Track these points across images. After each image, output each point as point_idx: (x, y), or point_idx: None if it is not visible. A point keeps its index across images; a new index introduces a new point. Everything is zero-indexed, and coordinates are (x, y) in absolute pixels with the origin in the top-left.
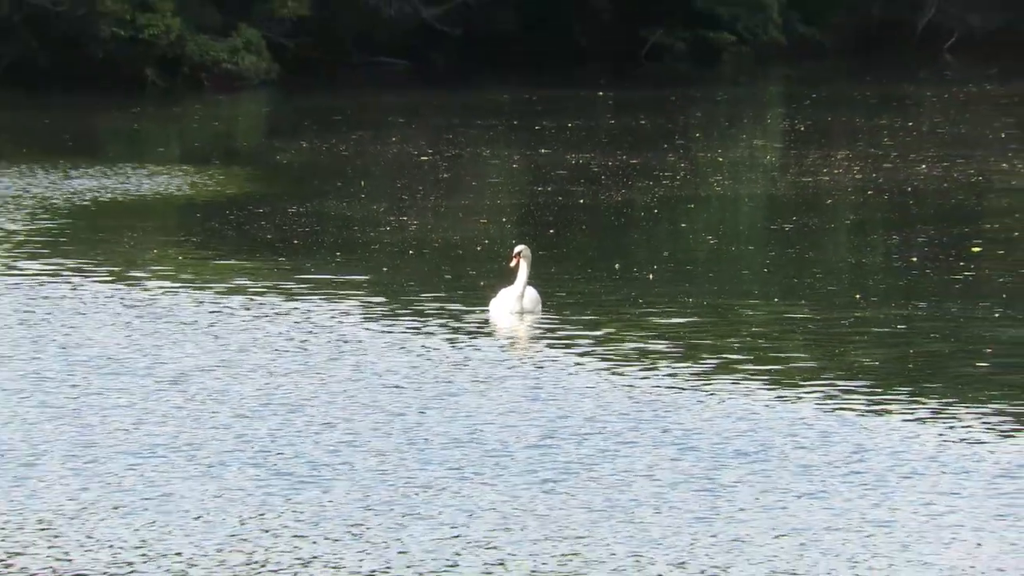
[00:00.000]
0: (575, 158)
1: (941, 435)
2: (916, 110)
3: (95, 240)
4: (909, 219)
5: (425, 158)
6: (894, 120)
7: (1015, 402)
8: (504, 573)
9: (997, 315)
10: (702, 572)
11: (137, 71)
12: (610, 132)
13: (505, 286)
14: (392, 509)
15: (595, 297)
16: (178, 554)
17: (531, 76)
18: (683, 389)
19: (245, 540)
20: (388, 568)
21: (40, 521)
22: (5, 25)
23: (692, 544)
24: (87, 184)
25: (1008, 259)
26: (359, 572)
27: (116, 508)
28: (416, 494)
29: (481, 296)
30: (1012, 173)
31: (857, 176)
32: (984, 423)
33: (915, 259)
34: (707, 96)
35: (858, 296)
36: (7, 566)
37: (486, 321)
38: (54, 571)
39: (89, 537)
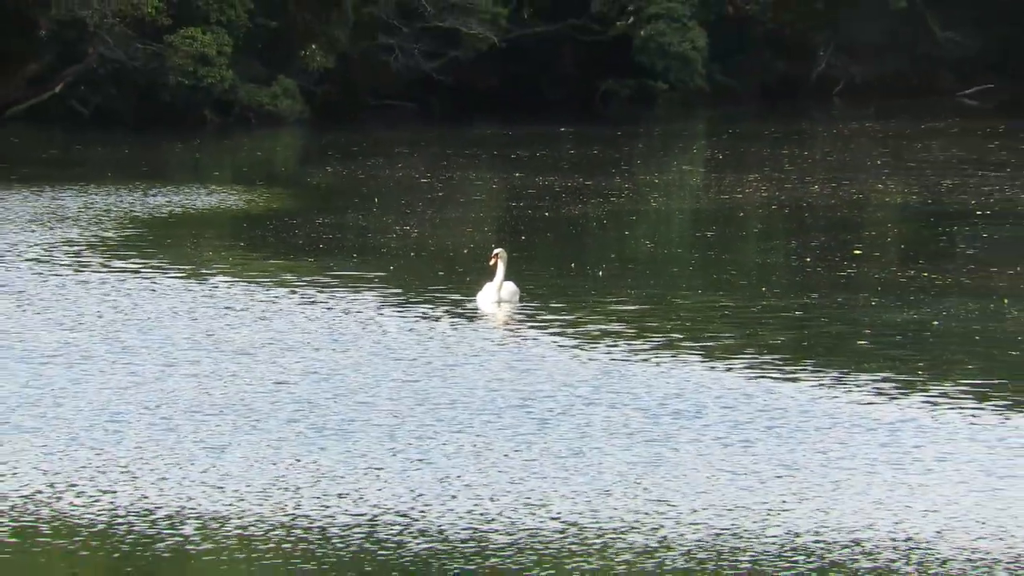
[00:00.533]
0: (542, 180)
1: (836, 397)
2: (810, 142)
3: (168, 245)
4: (804, 228)
5: (424, 180)
6: (793, 150)
7: (894, 372)
8: (491, 504)
9: (874, 303)
10: (648, 501)
11: (198, 112)
12: (570, 160)
13: (487, 281)
14: (403, 455)
15: (558, 289)
16: (234, 491)
17: (508, 117)
18: (632, 361)
19: (285, 479)
20: (400, 500)
21: (122, 467)
22: (93, 77)
23: (640, 481)
24: (160, 201)
25: (882, 259)
26: (378, 504)
27: (182, 455)
28: (422, 443)
29: (469, 289)
30: (885, 192)
31: (764, 194)
32: (871, 388)
33: (809, 259)
34: (646, 132)
35: (764, 288)
36: (96, 501)
37: (474, 308)
38: (132, 505)
39: (162, 478)
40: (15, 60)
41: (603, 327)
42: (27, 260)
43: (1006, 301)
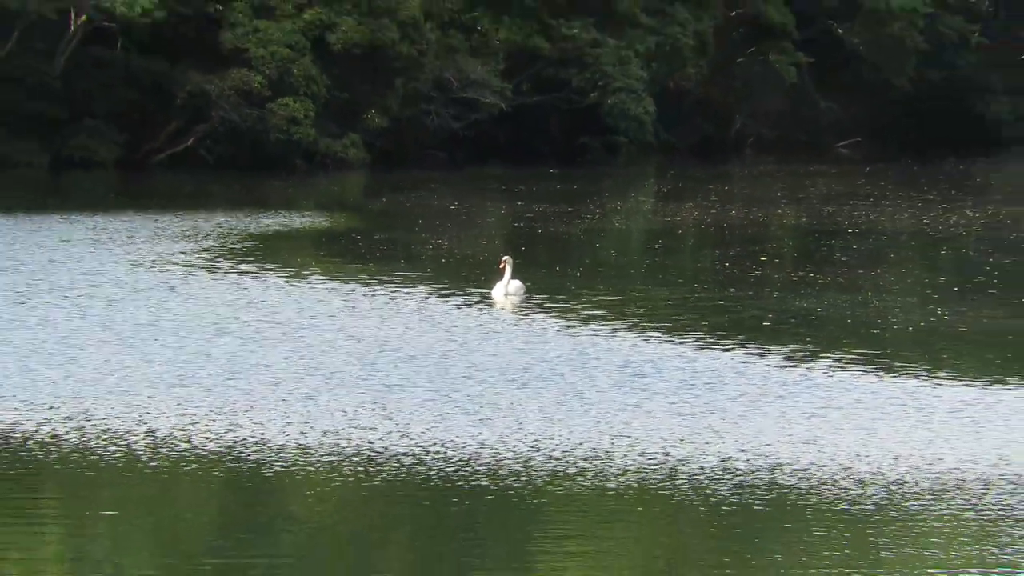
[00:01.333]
0: (537, 207)
1: (752, 363)
2: (729, 181)
3: (275, 253)
4: (724, 241)
5: (452, 207)
6: (717, 186)
7: (793, 344)
8: (486, 433)
9: (775, 295)
10: (617, 436)
11: (291, 160)
12: (557, 193)
13: (498, 280)
14: (431, 406)
15: (548, 285)
16: (301, 429)
17: (512, 163)
18: (606, 337)
19: (334, 418)
20: (427, 439)
21: (271, 407)
22: (215, 134)
23: (612, 420)
24: (267, 223)
25: (781, 264)
26: (412, 425)
27: (254, 409)
28: (445, 398)
29: (486, 285)
30: (783, 216)
31: (696, 217)
32: (778, 356)
33: (728, 264)
34: (612, 174)
35: (696, 285)
36: (142, 423)
37: (490, 300)
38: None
39: (214, 410)
40: (160, 121)
41: (584, 312)
42: (177, 264)
43: (870, 294)
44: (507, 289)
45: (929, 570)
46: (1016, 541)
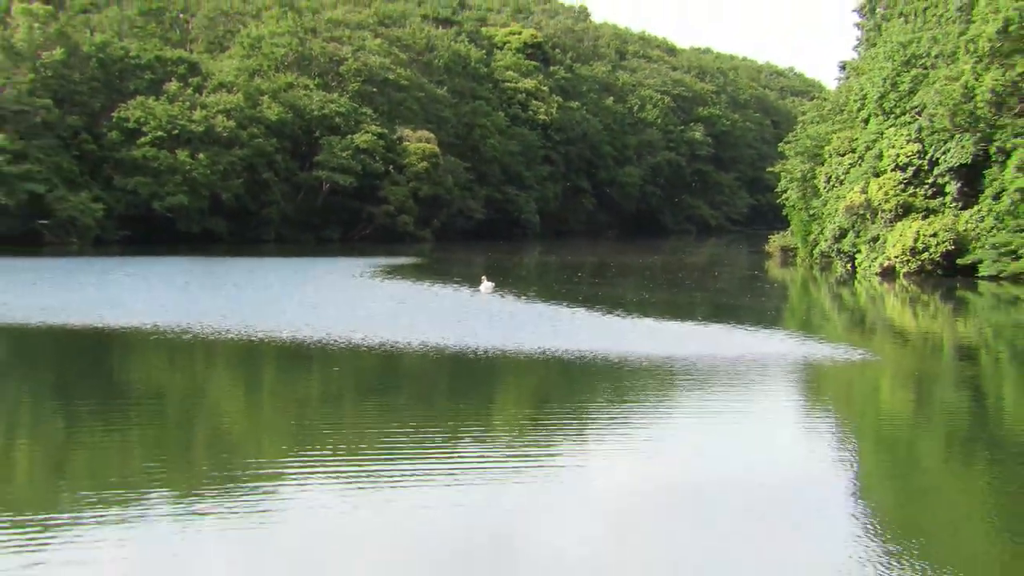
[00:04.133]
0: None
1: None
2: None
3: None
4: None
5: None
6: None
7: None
8: (479, 350)
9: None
10: (523, 334)
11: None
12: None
13: (481, 283)
14: (449, 329)
15: (518, 284)
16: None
17: (487, 242)
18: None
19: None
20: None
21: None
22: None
23: (523, 327)
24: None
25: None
26: (430, 332)
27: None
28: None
29: (476, 283)
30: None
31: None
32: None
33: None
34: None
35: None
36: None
37: (477, 291)
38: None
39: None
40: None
41: (536, 298)
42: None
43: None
44: (484, 287)
45: None
46: None
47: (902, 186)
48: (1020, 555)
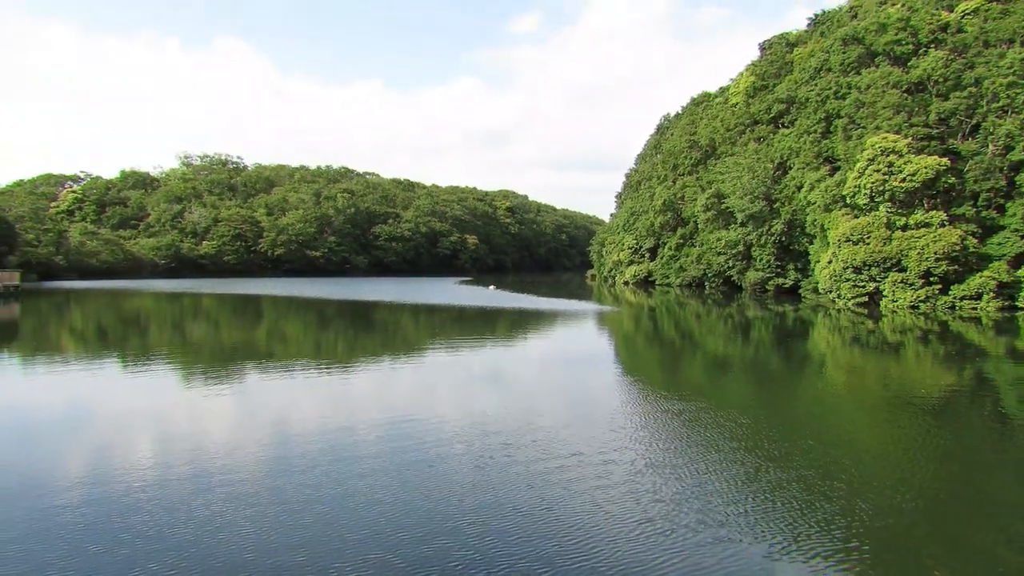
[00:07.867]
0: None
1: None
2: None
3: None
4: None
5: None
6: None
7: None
8: (482, 299)
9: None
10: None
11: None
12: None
13: (489, 288)
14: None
15: (511, 287)
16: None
17: (511, 276)
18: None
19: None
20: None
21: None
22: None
23: (503, 313)
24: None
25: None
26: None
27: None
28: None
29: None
30: (632, 300)
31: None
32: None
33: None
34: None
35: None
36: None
37: (492, 287)
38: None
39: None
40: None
41: (507, 289)
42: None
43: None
44: (491, 288)
45: None
46: None
47: (629, 252)
48: None
